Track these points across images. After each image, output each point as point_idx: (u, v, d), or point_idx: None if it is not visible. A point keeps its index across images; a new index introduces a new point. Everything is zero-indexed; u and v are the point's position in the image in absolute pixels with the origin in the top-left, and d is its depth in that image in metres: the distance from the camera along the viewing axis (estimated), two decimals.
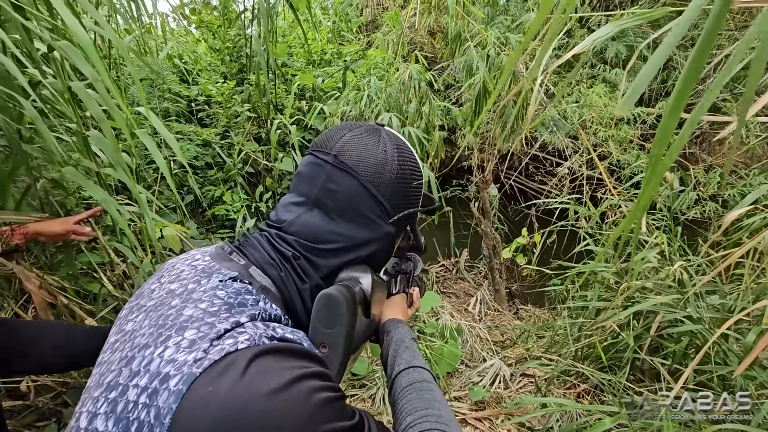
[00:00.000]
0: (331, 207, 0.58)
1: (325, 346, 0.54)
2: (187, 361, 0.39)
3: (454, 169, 5.46)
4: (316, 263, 0.57)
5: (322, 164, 0.58)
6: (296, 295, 0.55)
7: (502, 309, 3.81)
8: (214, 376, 0.37)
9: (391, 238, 0.62)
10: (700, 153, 5.41)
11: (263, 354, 0.40)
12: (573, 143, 4.35)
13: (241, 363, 0.38)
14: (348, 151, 0.58)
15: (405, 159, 0.62)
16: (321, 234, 0.57)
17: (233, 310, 0.45)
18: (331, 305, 0.54)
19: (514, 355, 2.49)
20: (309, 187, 0.59)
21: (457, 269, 4.58)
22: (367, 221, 0.59)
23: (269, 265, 0.54)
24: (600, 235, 2.25)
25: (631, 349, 1.58)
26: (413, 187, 0.63)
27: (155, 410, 0.37)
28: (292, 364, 0.40)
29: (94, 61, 1.11)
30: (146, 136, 1.34)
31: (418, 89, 2.31)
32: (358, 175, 0.57)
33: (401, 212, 0.62)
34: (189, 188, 2.90)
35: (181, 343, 0.41)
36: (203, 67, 3.41)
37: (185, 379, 0.37)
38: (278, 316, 0.50)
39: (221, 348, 0.39)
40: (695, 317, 1.44)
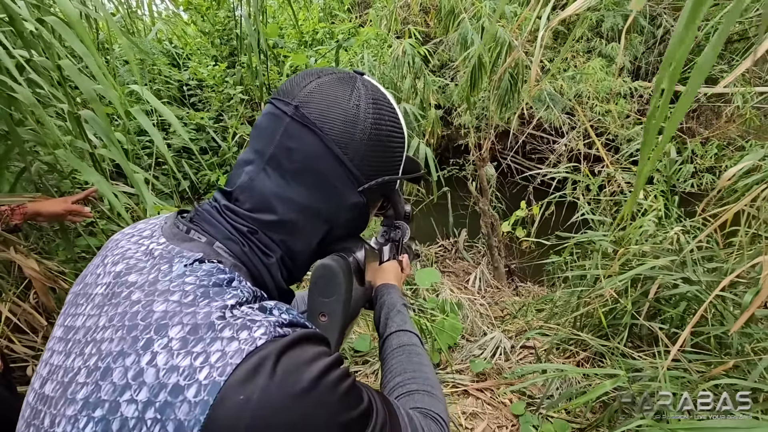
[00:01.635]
0: (287, 168, 0.49)
1: (324, 315, 0.53)
2: (195, 368, 0.35)
3: (450, 149, 5.44)
4: (271, 238, 0.50)
5: (281, 116, 0.49)
6: (263, 269, 0.49)
7: (501, 286, 3.84)
8: (242, 382, 0.34)
9: (360, 209, 0.53)
10: (697, 127, 5.40)
11: (287, 349, 0.38)
12: (570, 119, 4.33)
13: (268, 364, 0.36)
14: (312, 103, 0.49)
15: (382, 116, 0.52)
16: (272, 201, 0.49)
17: (210, 292, 0.41)
18: (329, 275, 0.53)
19: (514, 329, 2.52)
20: (265, 142, 0.50)
21: (456, 249, 4.60)
22: (330, 189, 0.50)
23: (229, 241, 0.48)
24: (598, 205, 2.26)
25: (629, 313, 1.61)
26: (391, 150, 0.54)
27: (174, 424, 0.34)
28: (312, 355, 0.39)
29: (83, 37, 1.09)
30: (141, 114, 1.33)
31: (413, 65, 2.28)
32: (320, 132, 0.48)
33: (374, 180, 0.52)
34: (184, 174, 2.89)
35: (170, 345, 0.37)
36: (193, 50, 3.36)
37: (209, 389, 0.34)
38: (256, 290, 0.45)
39: (238, 348, 0.36)
40: (693, 279, 1.46)
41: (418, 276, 2.28)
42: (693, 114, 5.49)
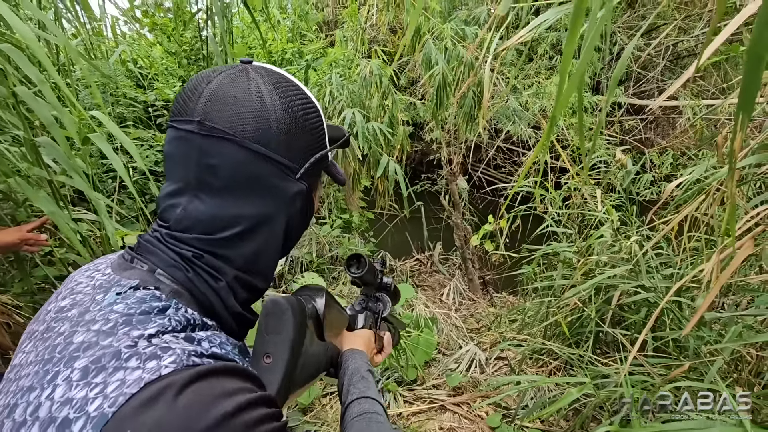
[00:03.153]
0: (218, 186, 0.45)
1: (269, 356, 0.50)
2: (88, 399, 0.32)
3: (423, 163, 5.52)
4: (226, 256, 0.47)
5: (188, 136, 0.45)
6: (212, 294, 0.46)
7: (476, 298, 3.90)
8: (132, 415, 0.30)
9: (304, 195, 0.51)
10: (655, 137, 5.69)
11: (196, 380, 0.34)
12: (536, 133, 4.48)
13: (169, 394, 0.32)
14: (214, 111, 0.44)
15: (290, 98, 0.49)
16: (216, 221, 0.46)
17: (134, 320, 0.38)
18: (277, 311, 0.51)
19: (489, 340, 2.56)
20: (183, 170, 0.46)
21: (432, 262, 4.64)
22: (268, 188, 0.48)
23: (172, 268, 0.45)
24: (566, 212, 2.35)
25: (593, 321, 1.66)
26: (312, 127, 0.51)
27: None
28: (229, 389, 0.35)
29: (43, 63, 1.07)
30: (101, 140, 1.30)
31: (380, 84, 2.33)
32: (235, 137, 0.44)
33: (308, 161, 0.50)
34: (152, 196, 2.82)
35: (71, 376, 0.33)
36: (160, 71, 3.31)
37: (95, 421, 0.30)
38: (195, 318, 0.43)
39: (139, 377, 0.33)
40: (648, 287, 1.53)
41: None
42: (651, 125, 5.79)
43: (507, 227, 2.69)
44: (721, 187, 1.17)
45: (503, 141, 4.60)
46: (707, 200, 1.18)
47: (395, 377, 2.22)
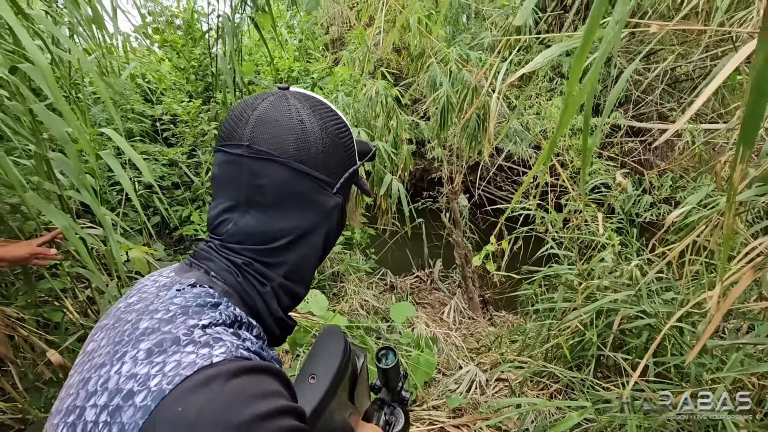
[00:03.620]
0: (266, 204, 0.51)
1: (314, 377, 0.53)
2: (150, 375, 0.37)
3: (424, 181, 5.56)
4: (272, 263, 0.52)
5: (237, 159, 0.51)
6: (258, 298, 0.51)
7: (476, 317, 3.88)
8: (185, 394, 0.35)
9: (340, 208, 0.57)
10: (654, 159, 5.75)
11: (242, 373, 0.38)
12: (536, 153, 4.53)
13: (216, 383, 0.36)
14: (260, 135, 0.50)
15: (326, 119, 0.54)
16: (265, 234, 0.51)
17: (190, 311, 0.44)
18: (334, 341, 0.56)
19: (489, 361, 2.54)
20: (234, 190, 0.52)
21: (432, 280, 4.64)
22: (310, 202, 0.53)
23: (225, 272, 0.51)
24: (567, 233, 2.36)
25: (595, 345, 1.66)
26: (344, 145, 0.56)
27: (118, 427, 0.35)
28: (267, 391, 0.38)
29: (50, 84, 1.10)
30: (111, 158, 1.32)
31: (385, 104, 2.37)
32: (280, 158, 0.50)
33: (342, 177, 0.56)
34: (155, 209, 2.84)
35: (137, 356, 0.39)
36: (168, 86, 3.37)
37: (154, 395, 0.35)
38: (242, 317, 0.48)
39: (193, 361, 0.37)
40: (649, 312, 1.53)
41: (393, 311, 2.29)
42: (650, 147, 5.85)
43: (509, 248, 2.70)
44: (721, 218, 1.19)
45: (504, 160, 4.66)
46: (708, 228, 1.20)
47: None
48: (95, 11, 1.88)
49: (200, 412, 0.34)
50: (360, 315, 2.60)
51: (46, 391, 1.58)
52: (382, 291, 3.31)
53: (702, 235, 1.24)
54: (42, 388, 1.59)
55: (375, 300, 2.80)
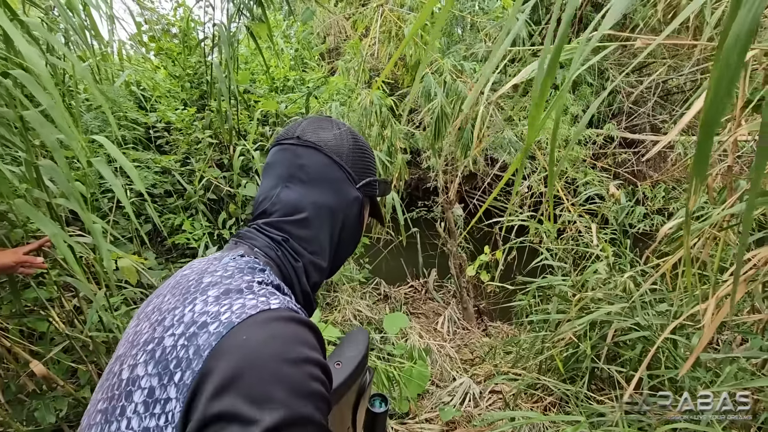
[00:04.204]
0: (305, 179, 0.65)
1: (340, 363, 0.63)
2: (221, 312, 0.46)
3: (420, 190, 5.56)
4: (302, 237, 0.64)
5: (288, 147, 0.67)
6: (292, 272, 0.61)
7: (471, 327, 3.86)
8: (250, 326, 0.45)
9: (359, 204, 0.69)
10: (647, 170, 5.80)
11: (293, 321, 0.47)
12: (531, 163, 4.55)
13: (278, 323, 0.46)
14: (309, 132, 0.67)
15: (356, 136, 0.72)
16: (298, 204, 0.64)
17: (245, 271, 0.55)
18: (360, 339, 0.67)
19: (483, 373, 2.52)
20: (281, 169, 0.66)
21: (426, 290, 4.61)
22: (337, 187, 0.66)
23: (267, 248, 0.61)
24: (561, 244, 2.36)
25: (589, 357, 1.65)
26: (368, 157, 0.72)
27: (195, 347, 0.44)
28: (313, 344, 0.47)
29: (50, 90, 1.09)
30: (103, 165, 1.31)
31: (380, 114, 2.38)
32: (321, 147, 0.66)
33: (364, 179, 0.70)
34: (147, 217, 2.81)
35: (207, 299, 0.49)
36: (162, 94, 3.36)
37: (226, 324, 0.45)
38: (282, 286, 0.57)
39: (255, 304, 0.47)
40: (643, 324, 1.53)
41: (387, 321, 2.27)
42: (643, 158, 5.90)
43: (503, 259, 2.69)
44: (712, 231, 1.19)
45: (499, 170, 4.68)
46: (700, 240, 1.20)
47: None
48: (90, 18, 1.88)
49: (261, 342, 0.44)
50: (353, 326, 2.57)
51: (28, 403, 1.53)
52: (375, 301, 3.29)
53: (695, 248, 1.24)
54: (24, 400, 1.55)
55: (368, 310, 2.77)
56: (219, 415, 0.40)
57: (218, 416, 0.40)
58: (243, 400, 0.40)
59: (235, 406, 0.40)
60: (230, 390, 0.41)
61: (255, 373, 0.42)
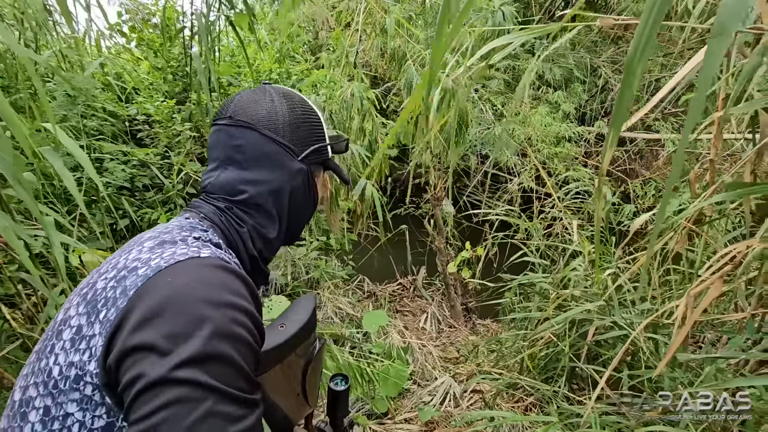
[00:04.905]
0: (242, 159, 0.64)
1: (284, 325, 0.65)
2: (151, 258, 0.49)
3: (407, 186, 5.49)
4: (247, 210, 0.65)
5: (222, 128, 0.66)
6: (237, 237, 0.63)
7: (458, 325, 3.80)
8: (177, 270, 0.47)
9: (305, 175, 0.69)
10: (640, 168, 5.78)
11: (222, 269, 0.49)
12: (522, 161, 4.51)
13: (203, 269, 0.48)
14: (241, 110, 0.66)
15: (293, 103, 0.69)
16: (239, 185, 0.64)
17: (185, 228, 0.57)
18: (306, 306, 0.68)
19: (466, 372, 2.47)
20: (218, 151, 0.66)
21: (415, 287, 4.56)
22: (276, 163, 0.66)
23: (212, 214, 0.63)
24: (539, 246, 2.31)
25: (566, 356, 1.60)
26: (310, 124, 0.70)
27: (122, 288, 0.46)
28: (242, 293, 0.48)
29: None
30: (52, 155, 1.24)
31: (361, 107, 2.31)
32: (254, 125, 0.65)
33: (307, 148, 0.69)
34: (124, 211, 2.73)
35: (142, 249, 0.51)
36: (145, 87, 3.28)
37: (153, 268, 0.47)
38: (223, 246, 0.60)
39: (185, 252, 0.50)
40: (619, 323, 1.48)
41: (366, 319, 2.21)
42: (635, 156, 5.88)
43: (484, 255, 2.64)
44: (689, 224, 1.14)
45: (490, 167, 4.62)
46: (676, 234, 1.15)
47: (365, 409, 2.11)
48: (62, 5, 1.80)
49: (185, 284, 0.46)
50: (334, 323, 2.51)
51: None
52: (360, 299, 3.22)
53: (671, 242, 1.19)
54: None
55: (350, 308, 2.71)
56: (137, 347, 0.42)
57: (136, 348, 0.42)
58: (161, 334, 0.42)
59: (154, 339, 0.41)
60: (150, 324, 0.42)
61: (176, 310, 0.43)
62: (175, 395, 0.39)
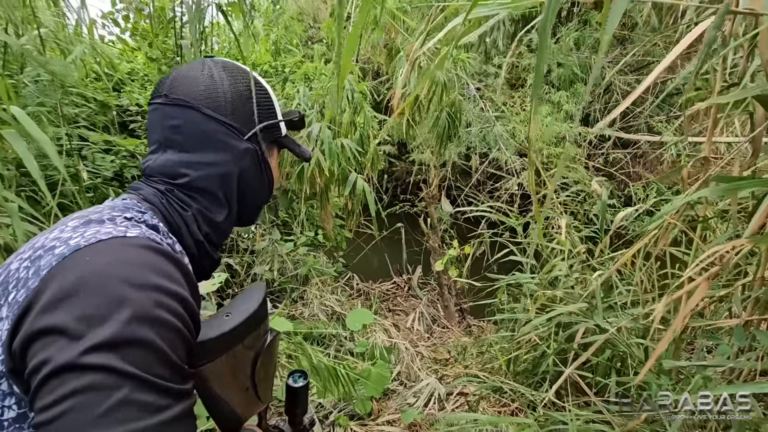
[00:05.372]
0: (180, 141, 0.59)
1: (229, 314, 0.58)
2: (72, 236, 0.44)
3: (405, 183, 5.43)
4: (190, 194, 0.60)
5: (158, 107, 0.60)
6: (180, 221, 0.58)
7: (451, 326, 3.74)
8: (97, 249, 0.43)
9: (254, 155, 0.64)
10: (643, 171, 5.68)
11: (150, 249, 0.45)
12: (521, 160, 4.45)
13: (126, 249, 0.44)
14: (177, 87, 0.60)
15: (236, 77, 0.63)
16: (180, 168, 0.59)
17: (117, 209, 0.52)
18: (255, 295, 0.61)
19: (454, 373, 2.41)
20: (157, 132, 0.61)
21: (410, 286, 4.50)
22: (219, 144, 0.60)
23: (152, 195, 0.58)
24: (527, 246, 2.24)
25: (549, 360, 1.53)
26: (257, 100, 0.64)
27: (35, 268, 0.42)
28: (171, 275, 0.44)
29: None
30: (15, 138, 1.19)
31: (352, 99, 2.26)
32: (191, 103, 0.59)
33: (254, 126, 0.64)
34: None
35: (65, 228, 0.46)
36: (140, 77, 3.24)
37: (71, 246, 0.42)
38: (164, 231, 0.54)
39: (109, 231, 0.45)
40: (603, 327, 1.41)
41: (350, 318, 2.15)
42: (639, 159, 5.78)
43: (472, 254, 2.58)
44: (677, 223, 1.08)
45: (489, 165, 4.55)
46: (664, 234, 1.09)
47: (347, 410, 2.06)
48: None
49: (105, 263, 0.41)
50: (320, 321, 2.46)
51: None
52: (349, 296, 3.17)
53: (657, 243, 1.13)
54: None
55: (338, 306, 2.66)
56: (45, 330, 0.38)
57: (44, 330, 0.38)
58: (74, 316, 0.38)
59: (64, 321, 0.37)
60: (62, 305, 0.39)
61: (92, 291, 0.39)
62: (85, 382, 0.35)
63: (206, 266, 0.64)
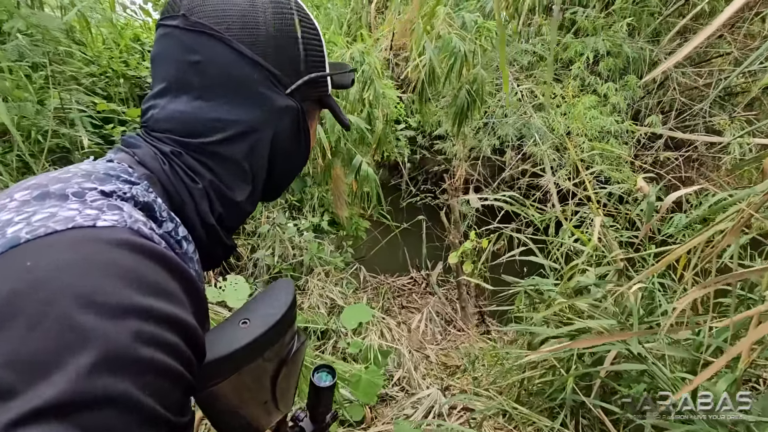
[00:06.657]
0: (199, 85, 0.42)
1: (247, 322, 0.44)
2: (12, 220, 0.29)
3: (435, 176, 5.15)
4: (202, 160, 0.43)
5: (172, 32, 0.42)
6: (185, 193, 0.42)
7: (467, 329, 3.46)
8: (42, 249, 0.28)
9: (294, 116, 0.47)
10: (697, 177, 5.15)
11: (127, 247, 0.30)
12: (560, 156, 4.12)
13: (88, 247, 0.29)
14: (200, 6, 0.42)
15: (283, 5, 0.45)
16: (196, 124, 0.43)
17: (93, 177, 0.36)
18: (283, 291, 0.47)
19: (460, 385, 2.15)
20: (166, 68, 0.43)
21: (427, 283, 4.24)
22: (253, 95, 0.44)
23: (151, 158, 0.42)
24: (552, 248, 1.93)
25: (569, 386, 1.25)
26: (306, 41, 0.47)
27: None
28: (159, 286, 0.30)
29: None
30: None
31: (361, 74, 2.03)
32: (221, 33, 0.42)
33: (300, 79, 0.46)
34: None
35: (8, 204, 0.32)
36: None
37: (8, 241, 0.28)
38: (163, 208, 0.39)
39: (70, 217, 0.30)
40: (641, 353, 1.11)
41: (346, 313, 1.94)
42: (692, 163, 5.26)
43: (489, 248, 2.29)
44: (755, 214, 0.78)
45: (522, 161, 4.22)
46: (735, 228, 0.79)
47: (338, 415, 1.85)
48: None
49: (54, 272, 0.27)
50: (318, 314, 2.27)
51: None
52: (355, 290, 2.96)
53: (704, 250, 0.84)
54: None
55: (341, 299, 2.46)
56: None
57: None
58: (2, 359, 0.23)
59: None
60: None
61: (32, 319, 0.24)
62: None
63: (218, 254, 0.48)
